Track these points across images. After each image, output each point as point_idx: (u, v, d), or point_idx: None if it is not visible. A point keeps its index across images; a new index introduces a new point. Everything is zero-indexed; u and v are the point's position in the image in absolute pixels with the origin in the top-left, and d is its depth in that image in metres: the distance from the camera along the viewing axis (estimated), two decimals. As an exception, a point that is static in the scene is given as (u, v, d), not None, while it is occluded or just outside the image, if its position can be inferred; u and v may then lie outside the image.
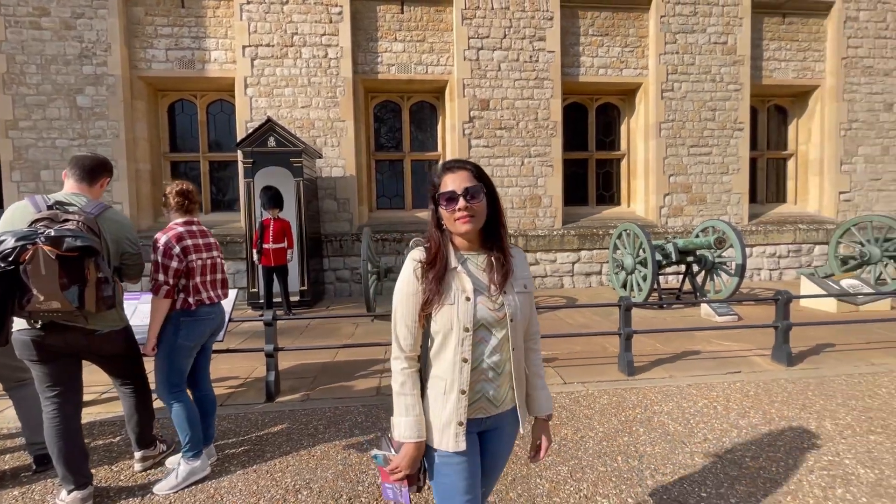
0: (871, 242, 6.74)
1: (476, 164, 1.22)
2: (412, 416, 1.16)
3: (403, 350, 1.19)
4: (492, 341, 1.17)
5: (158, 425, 2.63)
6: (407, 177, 8.60)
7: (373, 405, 3.15)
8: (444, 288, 1.14)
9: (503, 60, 7.98)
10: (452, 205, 1.14)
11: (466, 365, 1.14)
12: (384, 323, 5.57)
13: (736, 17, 8.48)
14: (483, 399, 1.18)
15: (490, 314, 1.17)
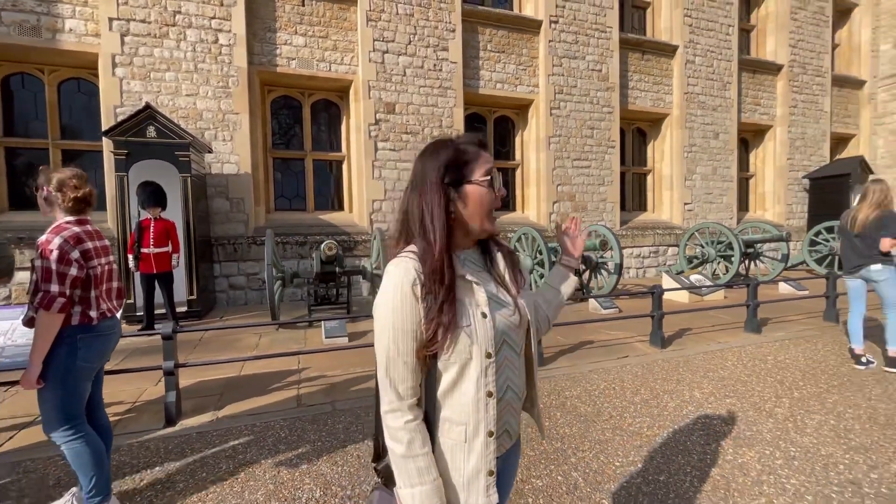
0: (708, 244, 8.28)
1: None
2: (428, 483, 0.86)
3: (403, 397, 0.88)
4: (513, 358, 0.97)
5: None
6: (309, 177, 8.20)
7: (295, 418, 2.96)
8: (458, 308, 0.89)
9: (408, 66, 8.08)
10: (490, 188, 0.95)
11: (492, 400, 0.90)
12: (291, 332, 5.25)
13: (608, 49, 9.76)
14: (505, 434, 0.96)
15: (509, 324, 0.95)
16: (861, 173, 11.77)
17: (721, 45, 11.07)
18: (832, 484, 2.16)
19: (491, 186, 0.95)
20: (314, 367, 3.97)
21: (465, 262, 0.99)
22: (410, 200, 0.96)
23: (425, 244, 0.91)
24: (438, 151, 0.95)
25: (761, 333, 4.92)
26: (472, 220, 0.95)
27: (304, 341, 4.84)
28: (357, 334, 5.06)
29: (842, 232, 3.94)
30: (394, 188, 8.03)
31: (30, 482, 2.25)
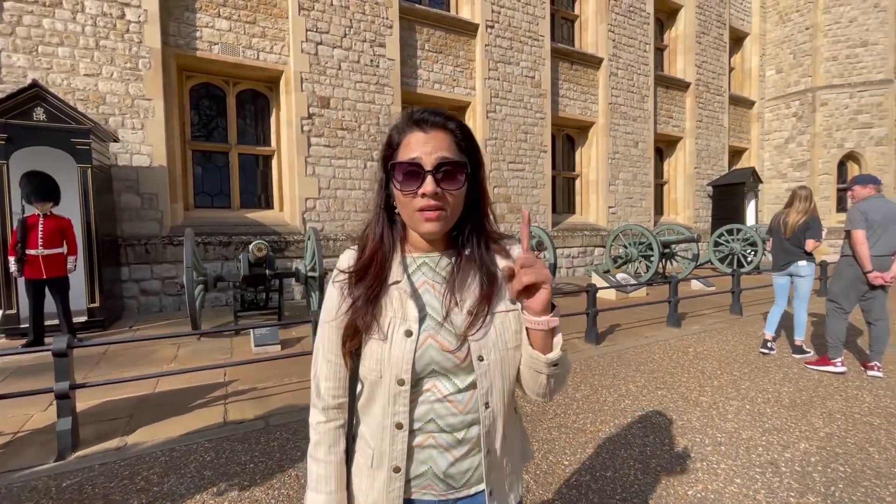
0: (631, 245, 8.88)
1: (463, 124, 0.79)
2: (323, 493, 0.81)
3: (321, 396, 0.83)
4: (446, 391, 0.77)
5: None
6: (234, 172, 7.59)
7: (223, 438, 2.66)
8: (376, 313, 0.77)
9: (344, 60, 7.77)
10: (412, 184, 0.73)
11: (401, 433, 0.76)
12: (214, 341, 4.78)
13: (540, 57, 10.13)
14: (431, 476, 0.78)
15: (444, 357, 0.76)
16: (753, 182, 13.36)
17: (640, 60, 11.97)
18: (755, 466, 2.34)
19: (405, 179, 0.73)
20: (243, 378, 3.63)
21: (421, 268, 0.82)
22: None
23: (363, 237, 0.84)
24: (390, 135, 0.80)
25: (681, 327, 5.33)
26: (405, 216, 0.78)
27: (231, 351, 4.42)
28: (290, 341, 4.73)
29: (773, 233, 4.35)
30: (329, 186, 7.68)
31: None
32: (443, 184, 0.73)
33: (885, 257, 3.62)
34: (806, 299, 4.20)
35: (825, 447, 2.51)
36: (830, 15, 14.53)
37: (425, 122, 0.76)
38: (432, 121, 0.76)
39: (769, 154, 15.99)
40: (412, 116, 0.78)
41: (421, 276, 0.82)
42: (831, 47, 14.57)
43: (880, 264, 3.63)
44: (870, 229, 3.67)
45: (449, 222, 0.77)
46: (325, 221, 7.66)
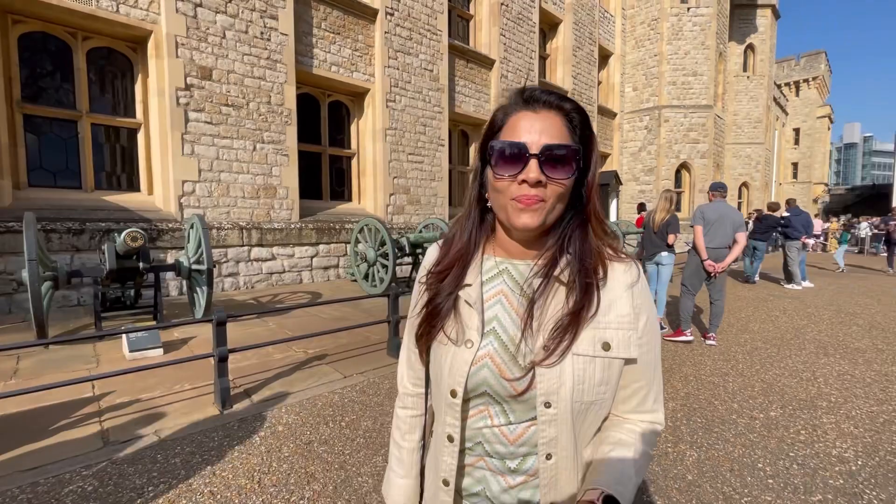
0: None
1: (580, 107, 0.67)
2: (395, 474, 0.83)
3: (402, 383, 0.84)
4: (498, 420, 0.69)
5: None
6: (85, 145, 6.34)
7: (106, 461, 2.25)
8: (444, 319, 0.71)
9: (229, 28, 6.97)
10: (513, 168, 0.64)
11: (451, 446, 0.71)
12: (70, 349, 4.00)
13: (439, 51, 10.30)
14: (485, 498, 0.72)
15: (499, 383, 0.67)
16: (615, 184, 15.46)
17: (527, 66, 12.91)
18: (639, 425, 2.77)
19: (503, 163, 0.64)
20: (119, 390, 3.11)
21: (502, 274, 0.72)
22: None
23: (450, 233, 0.78)
24: (494, 115, 0.71)
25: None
26: (497, 208, 0.69)
27: (96, 359, 3.73)
28: (174, 344, 4.17)
29: (645, 228, 5.18)
30: (211, 168, 6.86)
31: None
32: (548, 171, 0.63)
33: (720, 249, 4.54)
34: (665, 283, 5.08)
35: (686, 405, 3.09)
36: (672, 46, 17.37)
37: (536, 101, 0.66)
38: (545, 100, 0.66)
39: (626, 160, 18.60)
40: (522, 94, 0.68)
41: (499, 284, 0.72)
42: (672, 73, 17.45)
43: (716, 255, 4.55)
44: (707, 226, 4.58)
45: (548, 216, 0.66)
46: (208, 208, 6.84)
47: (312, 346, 4.16)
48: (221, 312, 2.85)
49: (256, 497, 2.00)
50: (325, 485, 2.10)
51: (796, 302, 6.94)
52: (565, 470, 0.66)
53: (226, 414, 2.81)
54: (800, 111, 40.61)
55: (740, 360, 4.05)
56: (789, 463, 2.34)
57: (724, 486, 2.13)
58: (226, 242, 6.92)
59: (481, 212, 0.74)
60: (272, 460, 2.30)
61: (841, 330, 5.18)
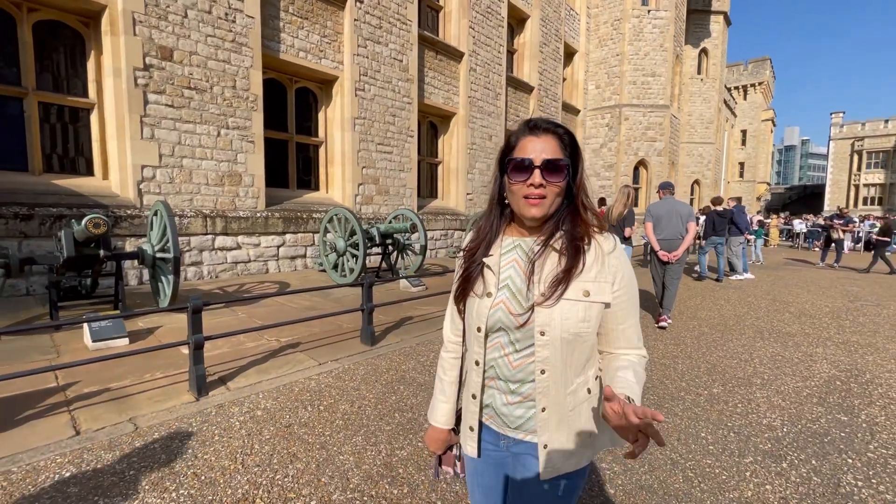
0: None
1: (571, 132, 0.96)
2: (438, 401, 1.14)
3: (445, 334, 1.14)
4: (507, 349, 0.95)
5: None
6: (33, 125, 5.97)
7: (81, 449, 2.24)
8: (474, 281, 1.00)
9: (191, 7, 6.70)
10: (523, 175, 0.92)
11: (478, 368, 0.99)
12: (25, 339, 3.83)
13: (408, 41, 10.27)
14: (492, 410, 1.00)
15: (508, 318, 0.93)
16: (578, 179, 15.95)
17: (495, 60, 13.07)
18: (599, 403, 3.02)
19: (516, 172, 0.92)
20: (85, 380, 3.04)
21: (515, 249, 1.00)
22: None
23: (481, 222, 1.06)
24: (508, 138, 0.98)
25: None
26: (513, 205, 0.97)
27: (55, 350, 3.61)
28: (139, 333, 4.07)
29: (605, 222, 5.45)
30: (173, 153, 6.62)
31: None
32: (547, 177, 0.91)
33: (672, 240, 4.94)
34: None
35: (640, 384, 3.37)
36: (633, 47, 18.04)
37: (538, 128, 0.94)
38: (544, 126, 0.94)
39: (588, 156, 19.23)
40: (528, 124, 0.96)
41: (513, 254, 0.99)
42: (633, 73, 18.14)
43: (668, 245, 4.96)
44: (657, 222, 4.99)
45: (548, 209, 0.93)
46: (170, 194, 6.60)
47: (285, 334, 4.18)
48: (197, 300, 2.85)
49: (241, 476, 2.07)
50: (307, 463, 2.19)
51: (739, 292, 7.54)
52: (555, 384, 0.92)
53: (202, 401, 2.83)
54: (747, 114, 43.27)
55: (689, 344, 4.42)
56: (727, 432, 2.64)
57: (672, 453, 2.39)
58: (189, 230, 6.71)
59: (500, 206, 1.02)
60: (254, 442, 2.36)
61: (775, 317, 5.72)
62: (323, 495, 1.96)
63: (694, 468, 2.25)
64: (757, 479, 2.17)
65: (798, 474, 2.22)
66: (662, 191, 5.20)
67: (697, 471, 2.23)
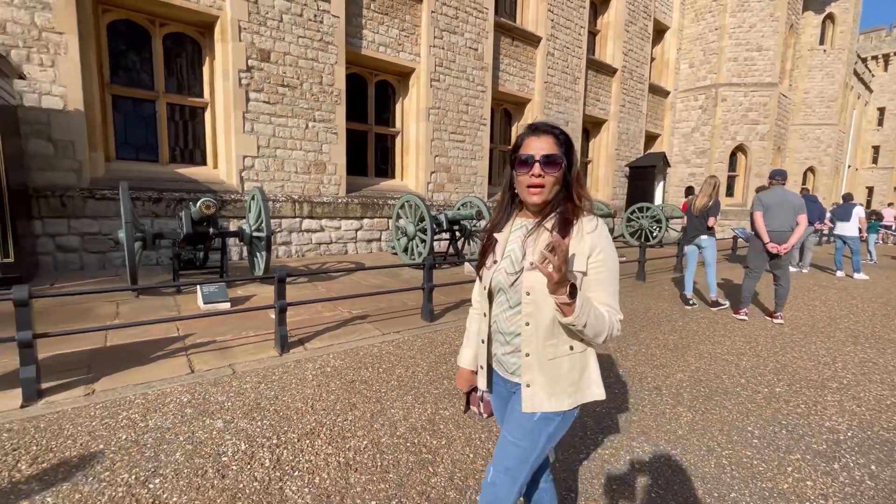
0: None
1: (565, 133, 1.17)
2: (463, 347, 1.42)
3: (473, 295, 1.42)
4: (504, 306, 1.21)
5: None
6: (162, 123, 7.09)
7: (194, 382, 2.83)
8: (488, 254, 1.26)
9: (286, 12, 7.44)
10: (525, 169, 1.13)
11: (485, 319, 1.27)
12: (155, 299, 4.71)
13: (484, 30, 10.35)
14: (497, 359, 1.27)
15: (503, 279, 1.18)
16: (662, 166, 14.95)
17: (574, 42, 12.64)
18: (644, 391, 3.04)
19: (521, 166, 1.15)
20: (198, 333, 3.72)
21: (520, 228, 1.23)
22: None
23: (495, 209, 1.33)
24: (517, 138, 1.21)
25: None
26: (520, 193, 1.21)
27: (177, 308, 4.42)
28: (238, 299, 4.80)
29: (687, 213, 5.46)
30: (269, 144, 7.47)
31: None
32: (545, 169, 1.12)
33: (782, 232, 4.69)
34: (712, 264, 5.40)
35: (693, 377, 3.30)
36: (735, 19, 16.26)
37: (539, 130, 1.16)
38: (543, 128, 1.17)
39: (678, 141, 17.85)
40: (530, 127, 1.19)
41: (518, 233, 1.24)
42: (734, 49, 16.39)
43: (778, 237, 4.72)
44: (767, 211, 4.74)
45: (547, 196, 1.16)
46: (265, 181, 7.49)
47: (356, 307, 4.66)
48: (282, 271, 3.36)
49: (310, 416, 2.49)
50: (363, 412, 2.56)
51: (842, 293, 6.73)
52: (536, 334, 1.15)
53: (284, 356, 3.35)
54: (887, 88, 36.41)
55: (761, 343, 4.15)
56: (779, 429, 2.55)
57: (709, 441, 2.39)
58: (280, 214, 7.57)
59: (511, 195, 1.27)
60: (322, 392, 2.79)
61: (880, 322, 5.08)
62: (374, 438, 2.30)
63: (730, 457, 2.25)
64: (798, 474, 2.12)
65: (849, 476, 2.12)
66: (773, 180, 4.90)
67: (733, 459, 2.22)
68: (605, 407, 2.76)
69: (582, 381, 1.19)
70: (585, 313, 1.04)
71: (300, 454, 2.13)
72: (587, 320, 1.05)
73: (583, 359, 1.19)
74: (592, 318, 1.06)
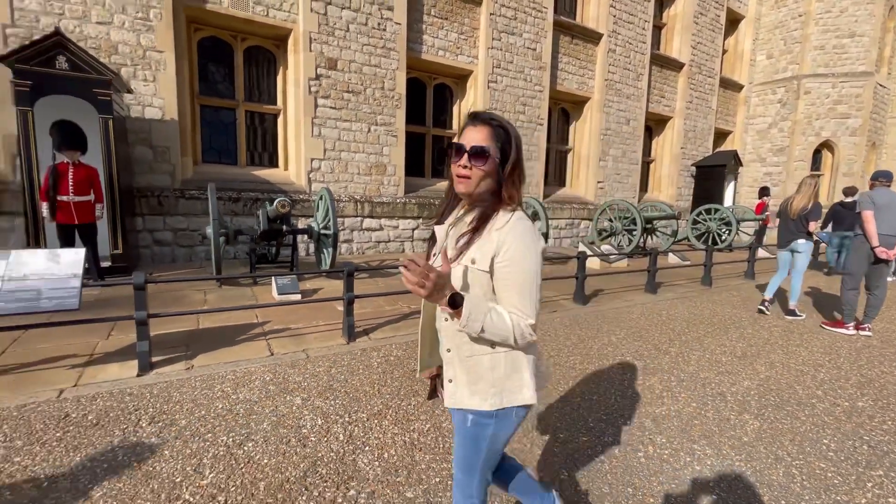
0: (616, 219, 9.47)
1: (504, 125, 1.12)
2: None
3: None
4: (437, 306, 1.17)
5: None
6: (241, 128, 7.74)
7: (274, 364, 3.14)
8: (431, 243, 1.26)
9: (352, 21, 7.85)
10: (456, 158, 1.11)
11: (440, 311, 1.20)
12: (235, 289, 5.20)
13: (543, 29, 10.28)
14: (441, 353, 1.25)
15: None
16: (734, 165, 14.02)
17: (638, 38, 12.19)
18: (708, 396, 2.96)
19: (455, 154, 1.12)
20: (274, 321, 4.09)
21: (459, 218, 1.19)
22: None
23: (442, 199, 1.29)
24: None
25: (657, 294, 5.97)
26: (452, 181, 1.17)
27: (255, 298, 4.85)
28: (307, 292, 5.17)
29: (781, 215, 5.05)
30: (334, 147, 7.93)
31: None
32: (472, 160, 1.08)
33: (891, 236, 4.30)
34: (801, 271, 5.01)
35: (763, 385, 3.16)
36: (823, 3, 14.87)
37: (477, 119, 1.13)
38: (482, 118, 1.12)
39: (751, 138, 16.63)
40: (470, 115, 1.15)
41: (459, 224, 1.19)
42: (820, 36, 14.99)
43: (886, 242, 4.32)
44: (877, 212, 4.33)
45: (473, 188, 1.10)
46: (330, 182, 7.95)
47: (415, 303, 4.87)
48: (350, 266, 3.62)
49: (377, 399, 2.69)
50: (424, 399, 2.72)
51: (946, 305, 6.02)
52: (455, 331, 1.13)
53: (350, 345, 3.60)
54: None
55: (842, 355, 3.86)
56: (859, 444, 2.40)
57: (778, 450, 2.31)
58: (343, 213, 8.00)
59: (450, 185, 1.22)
60: (387, 378, 2.99)
61: None
62: (436, 422, 2.46)
63: (801, 467, 2.16)
64: (880, 490, 2.01)
65: (941, 497, 1.97)
66: (876, 181, 4.49)
67: (805, 470, 2.14)
68: (664, 409, 2.73)
69: (510, 381, 1.14)
70: (477, 320, 1.01)
71: (370, 432, 2.33)
72: (482, 326, 1.02)
73: (509, 359, 1.14)
74: (489, 324, 1.03)
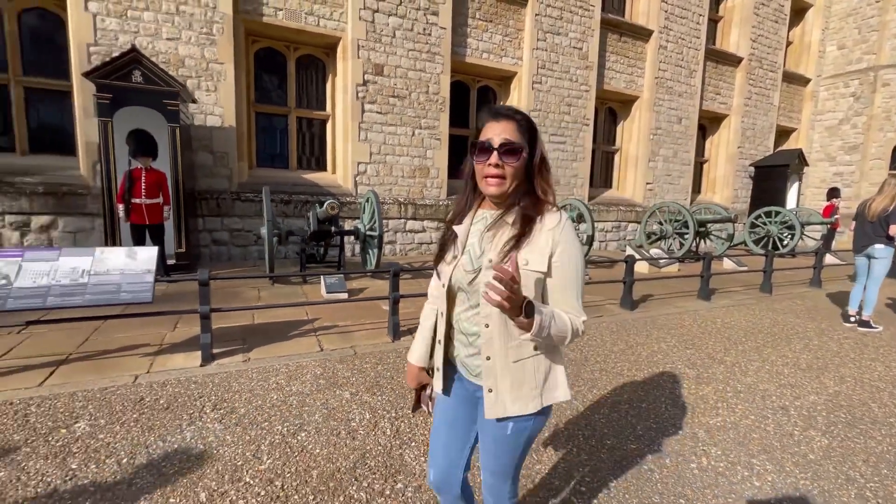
0: (667, 222, 9.09)
1: (528, 117, 1.07)
2: (415, 341, 1.31)
3: (429, 289, 1.32)
4: (465, 305, 1.11)
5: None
6: (292, 134, 8.11)
7: (324, 359, 3.28)
8: (448, 248, 1.15)
9: (398, 28, 8.02)
10: (484, 157, 1.04)
11: (442, 319, 1.15)
12: (286, 287, 5.44)
13: (589, 27, 10.06)
14: (460, 360, 1.17)
15: (461, 276, 1.08)
16: (798, 164, 13.06)
17: (691, 33, 11.66)
18: (768, 408, 2.79)
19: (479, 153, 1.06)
20: (323, 318, 4.25)
21: (481, 220, 1.13)
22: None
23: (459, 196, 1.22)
24: (477, 123, 1.11)
25: (710, 301, 5.68)
26: (479, 182, 1.10)
27: (305, 296, 5.06)
28: (353, 291, 5.33)
29: (858, 218, 4.72)
30: (380, 151, 8.13)
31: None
32: (504, 158, 1.02)
33: None
34: (879, 280, 4.60)
35: (832, 400, 2.94)
36: (904, -13, 13.58)
37: (499, 114, 1.06)
38: (503, 113, 1.07)
39: (819, 135, 15.45)
40: (490, 110, 1.08)
41: (479, 225, 1.13)
42: (901, 22, 13.69)
43: None
44: None
45: (506, 187, 1.05)
46: (375, 185, 8.16)
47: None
48: (396, 266, 3.71)
49: (421, 397, 2.74)
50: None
51: None
52: (498, 336, 1.06)
53: (395, 343, 3.69)
54: None
55: (927, 372, 3.51)
56: (947, 469, 2.19)
57: (850, 470, 2.14)
58: (387, 215, 8.19)
59: (473, 184, 1.15)
60: (430, 377, 3.04)
61: None
62: (479, 423, 2.47)
63: (876, 490, 2.00)
64: (971, 521, 1.82)
65: None
66: None
67: (880, 493, 1.98)
68: (719, 420, 2.60)
69: (548, 382, 1.11)
70: (546, 327, 0.97)
71: (416, 428, 2.38)
72: (549, 332, 0.98)
73: (549, 360, 1.12)
74: (554, 328, 0.99)
